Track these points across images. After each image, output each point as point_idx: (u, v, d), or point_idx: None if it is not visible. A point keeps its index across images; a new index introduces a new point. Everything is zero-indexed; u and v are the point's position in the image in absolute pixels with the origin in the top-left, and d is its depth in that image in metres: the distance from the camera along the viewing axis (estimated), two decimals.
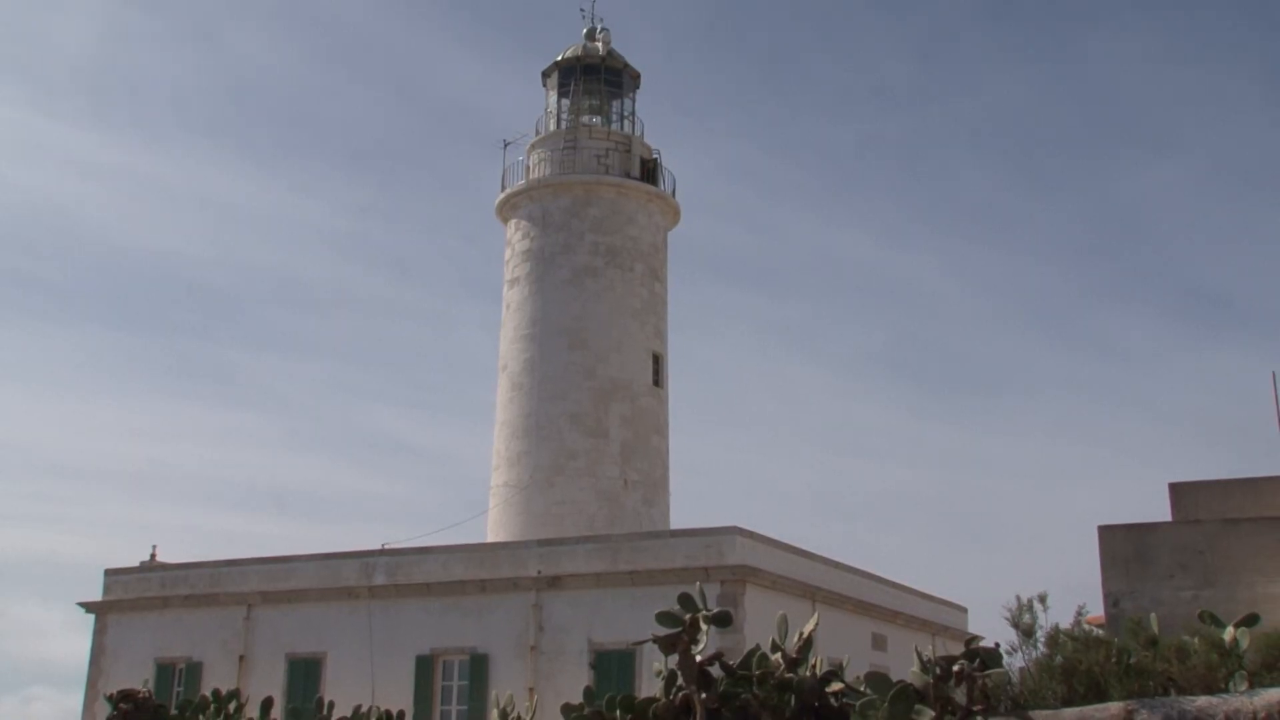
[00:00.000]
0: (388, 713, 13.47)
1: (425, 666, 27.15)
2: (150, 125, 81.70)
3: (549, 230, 35.53)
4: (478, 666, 26.64)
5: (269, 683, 27.29)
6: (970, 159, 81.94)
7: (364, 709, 13.57)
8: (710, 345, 74.21)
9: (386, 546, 29.43)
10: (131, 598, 31.40)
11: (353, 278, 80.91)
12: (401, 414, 78.92)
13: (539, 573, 26.80)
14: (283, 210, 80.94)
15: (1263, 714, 8.13)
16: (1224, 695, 8.52)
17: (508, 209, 36.99)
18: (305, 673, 28.29)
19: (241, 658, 29.17)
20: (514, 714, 11.86)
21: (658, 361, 35.39)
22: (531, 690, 24.45)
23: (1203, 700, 8.47)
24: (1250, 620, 9.49)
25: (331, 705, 13.95)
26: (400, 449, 77.73)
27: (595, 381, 34.03)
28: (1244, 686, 8.63)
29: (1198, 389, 74.70)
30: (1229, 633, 9.25)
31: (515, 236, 36.42)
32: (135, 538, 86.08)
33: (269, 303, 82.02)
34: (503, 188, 37.29)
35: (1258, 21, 75.15)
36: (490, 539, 33.08)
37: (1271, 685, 8.58)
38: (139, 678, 25.15)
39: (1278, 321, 74.24)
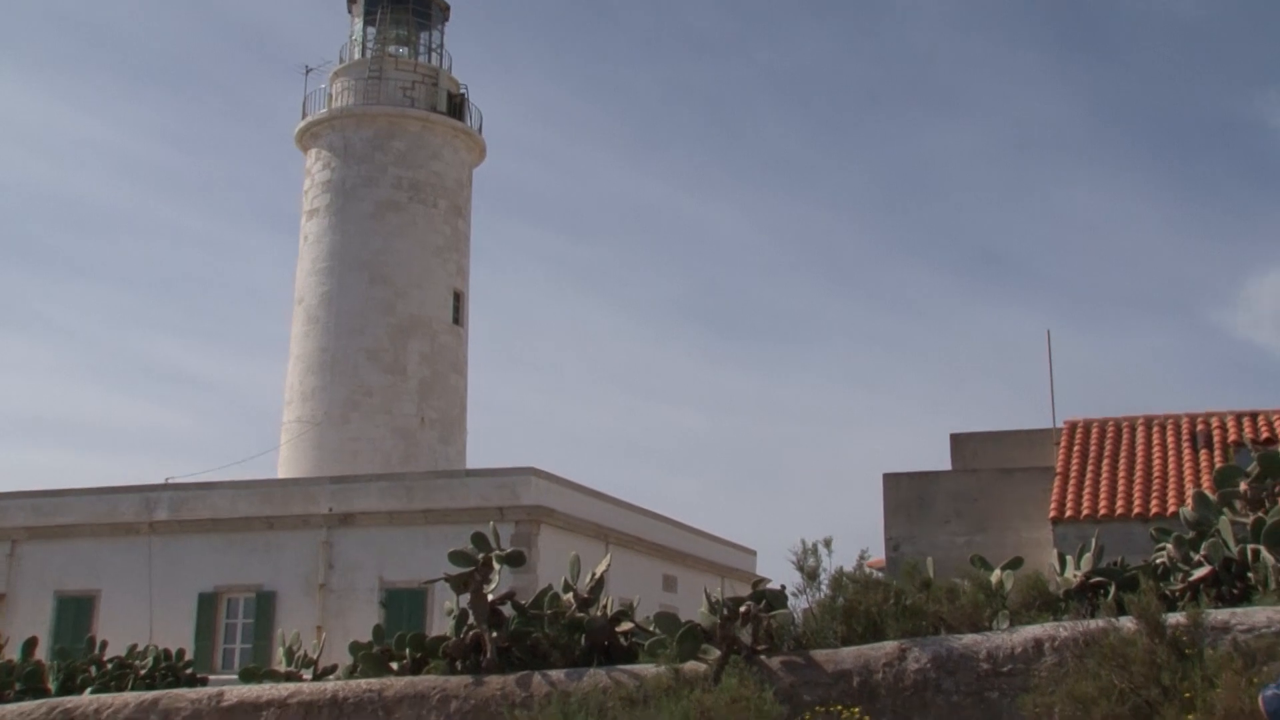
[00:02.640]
0: (166, 651, 13.05)
1: (208, 604, 26.41)
2: None
3: (350, 162, 34.60)
4: (264, 604, 26.09)
5: (34, 622, 26.07)
6: (772, 110, 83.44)
7: (140, 648, 13.12)
8: (511, 285, 73.92)
9: (170, 481, 28.44)
10: None
11: (135, 200, 76.99)
12: (187, 344, 76.00)
13: (330, 510, 26.36)
14: (56, 124, 76.16)
15: (1019, 649, 8.66)
16: (987, 633, 9.04)
17: (308, 138, 35.82)
18: (76, 611, 27.12)
19: (3, 596, 27.75)
20: (300, 652, 11.65)
21: (459, 299, 35.03)
22: (320, 628, 24.07)
23: (969, 638, 8.97)
24: (1014, 563, 10.08)
25: (104, 645, 13.45)
26: (185, 380, 74.92)
27: (394, 318, 33.47)
28: (1006, 624, 9.16)
29: (978, 343, 78.43)
30: (995, 575, 9.81)
31: (315, 166, 35.34)
32: None
33: (39, 222, 77.37)
34: (303, 115, 36.06)
35: None
36: (281, 475, 32.30)
37: (1030, 623, 9.12)
38: None
39: (1054, 282, 78.49)
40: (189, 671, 13.03)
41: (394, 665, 10.70)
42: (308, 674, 11.37)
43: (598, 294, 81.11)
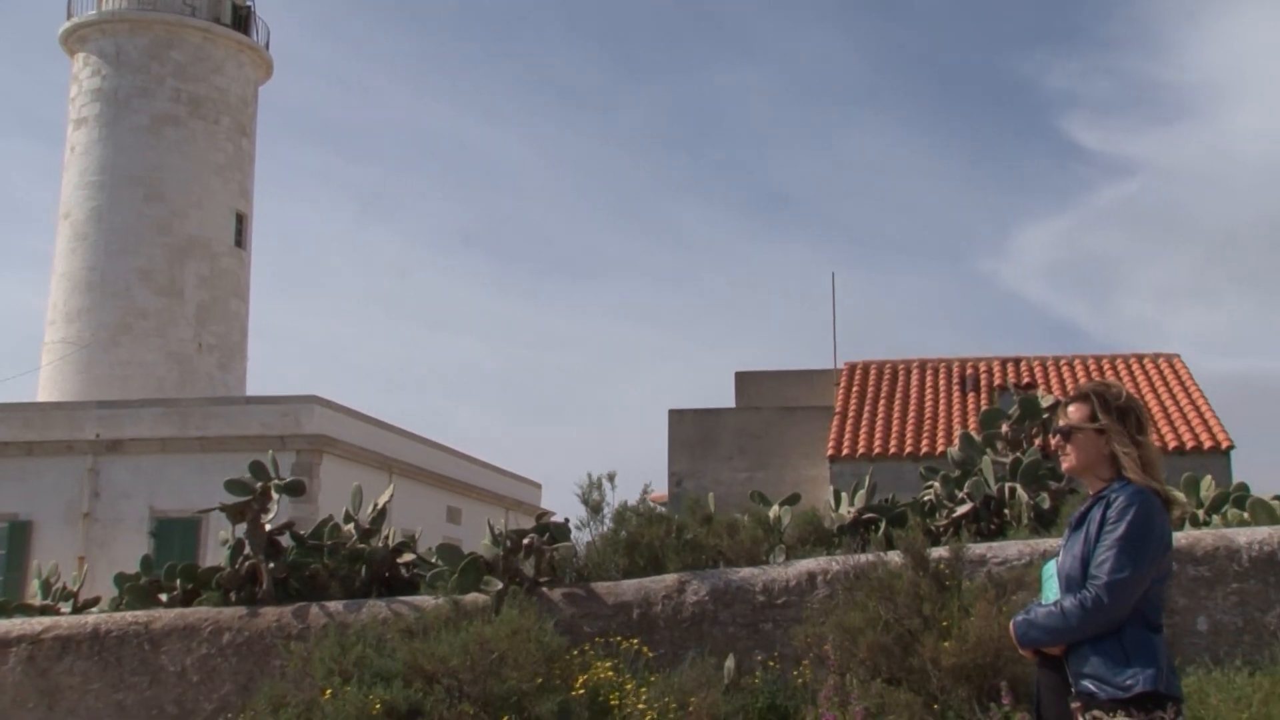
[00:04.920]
0: None
1: None
2: None
3: (124, 70, 32.62)
4: (18, 534, 24.76)
5: None
6: (563, 41, 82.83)
7: None
8: (295, 208, 71.59)
9: None
10: None
11: None
12: None
13: (97, 436, 25.17)
14: None
15: (793, 582, 8.95)
16: (764, 566, 9.30)
17: (74, 40, 33.53)
18: None
19: None
20: (58, 584, 11.08)
21: (241, 221, 33.68)
22: (81, 559, 22.99)
23: (746, 571, 9.21)
24: (792, 499, 10.39)
25: None
26: None
27: (171, 238, 31.94)
28: (782, 558, 9.44)
29: (764, 283, 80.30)
30: (774, 511, 10.08)
31: (83, 73, 33.18)
32: None
33: None
34: (69, 15, 33.75)
35: None
36: (42, 399, 30.59)
37: (804, 557, 9.42)
38: None
39: (838, 225, 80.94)
40: None
41: (163, 597, 10.30)
42: (66, 607, 10.83)
43: (384, 220, 79.48)
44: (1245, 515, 9.24)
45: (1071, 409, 4.01)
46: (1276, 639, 8.09)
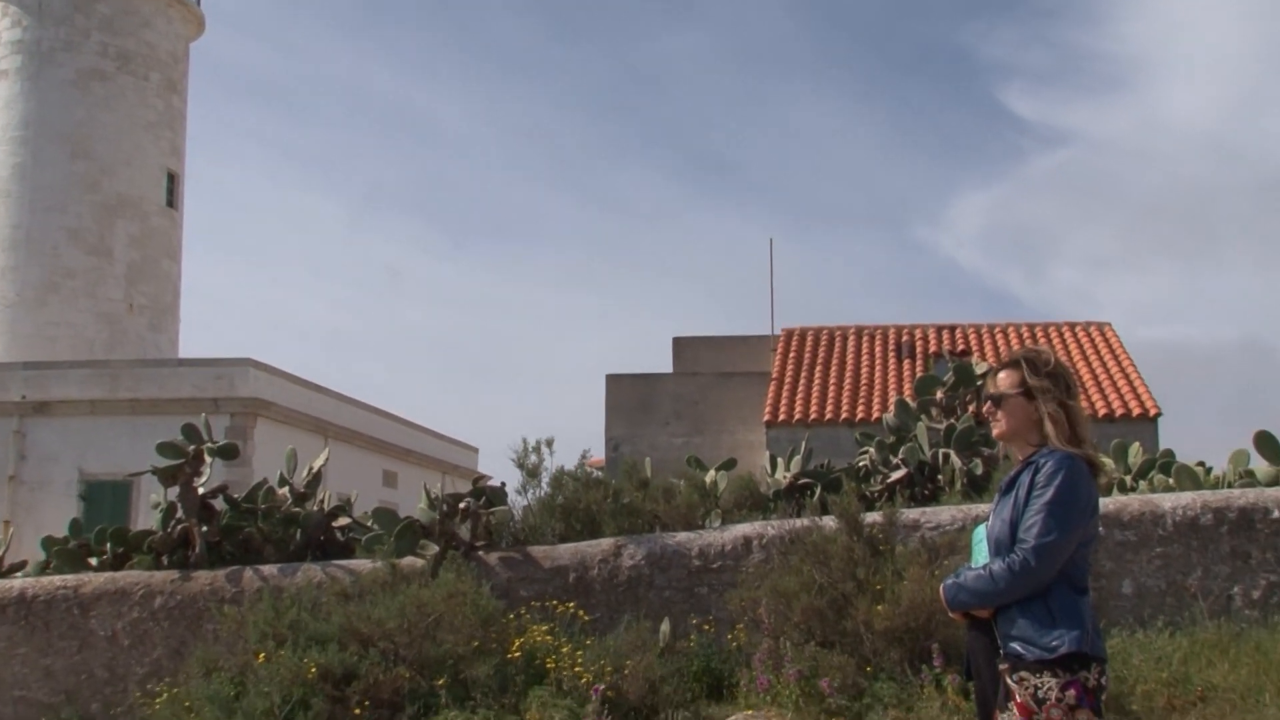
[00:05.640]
0: None
1: None
2: None
3: (47, 22, 31.76)
4: None
5: None
6: (504, 2, 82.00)
7: None
8: (229, 168, 70.44)
9: None
10: None
11: None
12: None
13: (23, 397, 24.71)
14: None
15: (729, 546, 9.01)
16: (700, 531, 9.35)
17: None
18: None
19: None
20: None
21: (173, 180, 33.06)
22: (7, 523, 22.67)
23: (682, 535, 9.26)
24: (728, 464, 10.45)
25: None
26: None
27: (100, 196, 31.28)
28: (718, 523, 9.50)
29: (703, 249, 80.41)
30: (710, 475, 10.14)
31: (2, 23, 32.25)
32: None
33: None
34: None
35: None
36: None
37: (740, 521, 9.49)
38: None
39: (777, 190, 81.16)
40: None
41: (93, 561, 10.17)
42: None
43: (320, 181, 78.45)
44: (1170, 481, 9.44)
45: (1002, 376, 4.05)
46: (1197, 601, 8.29)
